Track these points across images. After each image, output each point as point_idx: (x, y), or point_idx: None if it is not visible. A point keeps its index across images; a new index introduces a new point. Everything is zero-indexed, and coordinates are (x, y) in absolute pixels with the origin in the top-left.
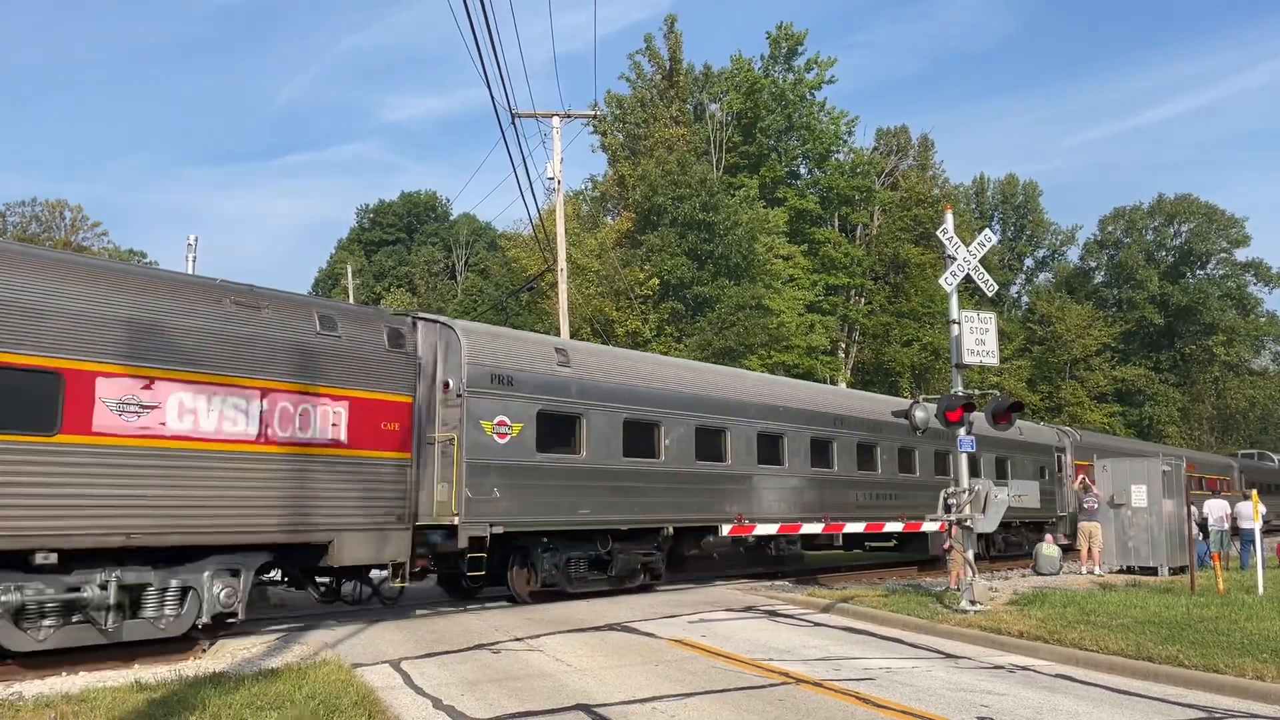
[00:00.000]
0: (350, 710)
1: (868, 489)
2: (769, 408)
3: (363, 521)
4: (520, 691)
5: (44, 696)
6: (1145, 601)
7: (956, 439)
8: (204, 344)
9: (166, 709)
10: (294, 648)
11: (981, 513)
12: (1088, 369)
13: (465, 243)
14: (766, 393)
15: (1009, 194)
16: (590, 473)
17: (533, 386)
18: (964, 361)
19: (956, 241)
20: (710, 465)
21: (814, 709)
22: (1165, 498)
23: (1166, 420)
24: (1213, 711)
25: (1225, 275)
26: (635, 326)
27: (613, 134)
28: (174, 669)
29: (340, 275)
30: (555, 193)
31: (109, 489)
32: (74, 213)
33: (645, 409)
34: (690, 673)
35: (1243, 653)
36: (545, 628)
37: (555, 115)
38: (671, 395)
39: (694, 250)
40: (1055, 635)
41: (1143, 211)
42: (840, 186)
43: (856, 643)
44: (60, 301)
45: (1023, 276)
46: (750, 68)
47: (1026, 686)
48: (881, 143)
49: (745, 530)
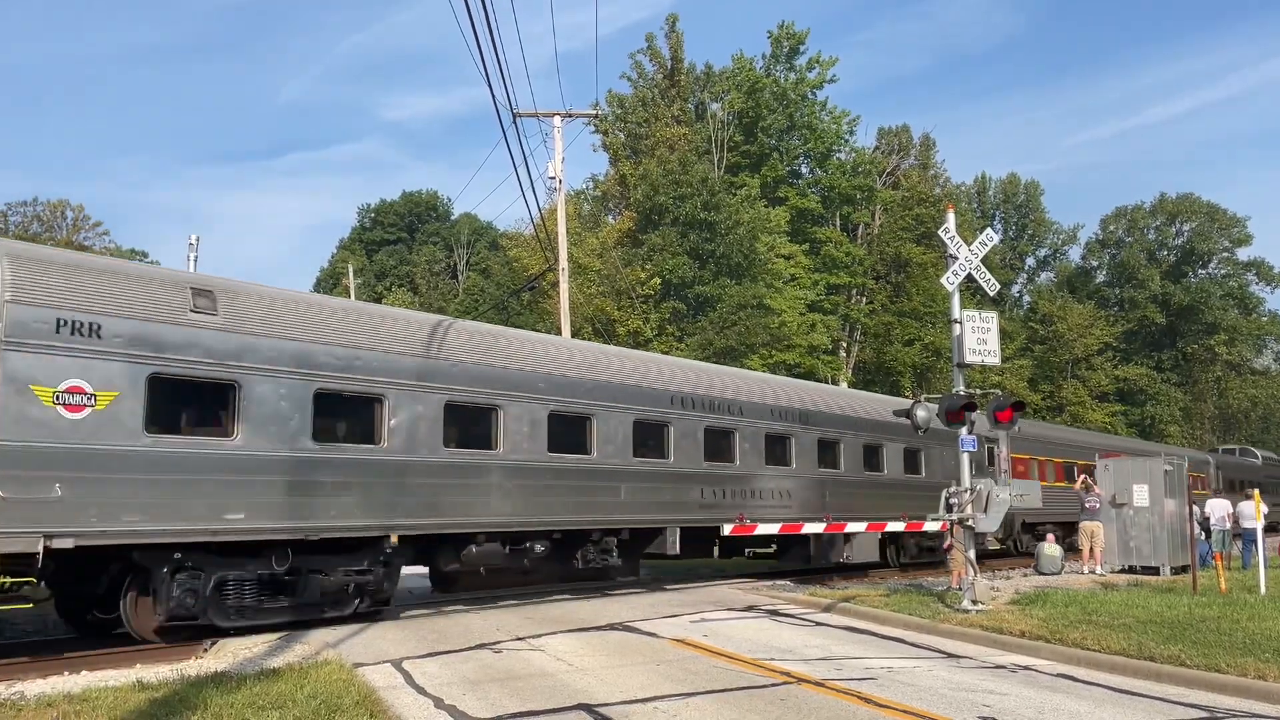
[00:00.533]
0: (352, 710)
1: (714, 484)
2: (561, 380)
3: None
4: (522, 691)
5: (46, 696)
6: (1147, 601)
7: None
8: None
9: (168, 708)
10: (295, 647)
11: (984, 512)
12: (1089, 368)
13: (466, 242)
14: (562, 360)
15: (1010, 193)
16: (249, 463)
17: (142, 341)
18: (966, 361)
19: (958, 241)
20: (471, 454)
21: (816, 708)
22: (1167, 497)
23: (1168, 420)
24: (1215, 711)
25: (1227, 275)
26: (636, 326)
27: (614, 133)
28: (176, 668)
29: (342, 275)
30: (556, 192)
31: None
32: (75, 212)
33: (350, 378)
34: (692, 672)
35: (1245, 652)
36: (547, 627)
37: (556, 114)
38: (399, 362)
39: (695, 250)
40: (1057, 635)
41: (1144, 211)
42: (841, 186)
43: (858, 642)
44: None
45: (1024, 276)
46: (752, 67)
47: (1028, 686)
48: (883, 142)
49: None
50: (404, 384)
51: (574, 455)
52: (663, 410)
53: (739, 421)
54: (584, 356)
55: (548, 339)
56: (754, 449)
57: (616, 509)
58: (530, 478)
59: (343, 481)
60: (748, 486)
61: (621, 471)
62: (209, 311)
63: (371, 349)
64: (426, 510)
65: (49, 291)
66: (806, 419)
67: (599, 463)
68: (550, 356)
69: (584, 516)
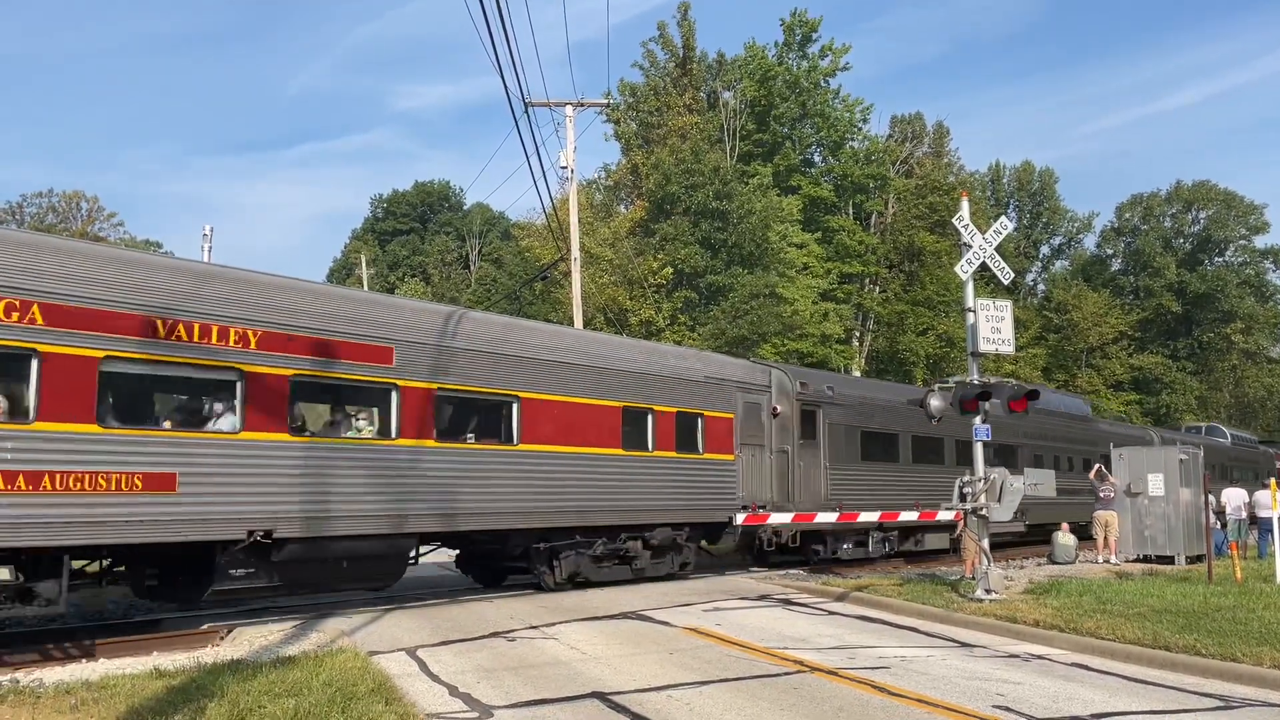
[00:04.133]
0: (367, 697)
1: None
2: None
3: None
4: (536, 679)
5: (64, 684)
6: (1162, 590)
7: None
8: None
9: (185, 696)
10: (311, 635)
11: (998, 501)
12: (1104, 357)
13: (479, 232)
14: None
15: (1025, 181)
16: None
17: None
18: (980, 350)
19: (972, 229)
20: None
21: (829, 697)
22: (1182, 486)
23: (1184, 408)
24: (1230, 700)
25: (1244, 262)
26: (649, 316)
27: (626, 122)
28: (193, 656)
29: (354, 265)
30: (569, 182)
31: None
32: (90, 203)
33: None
34: (705, 661)
35: (1261, 641)
36: (561, 616)
37: (568, 104)
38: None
39: (707, 239)
40: (1071, 624)
41: (1160, 198)
42: (855, 174)
43: (871, 631)
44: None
45: (1039, 264)
46: (764, 55)
47: (1043, 675)
48: (896, 130)
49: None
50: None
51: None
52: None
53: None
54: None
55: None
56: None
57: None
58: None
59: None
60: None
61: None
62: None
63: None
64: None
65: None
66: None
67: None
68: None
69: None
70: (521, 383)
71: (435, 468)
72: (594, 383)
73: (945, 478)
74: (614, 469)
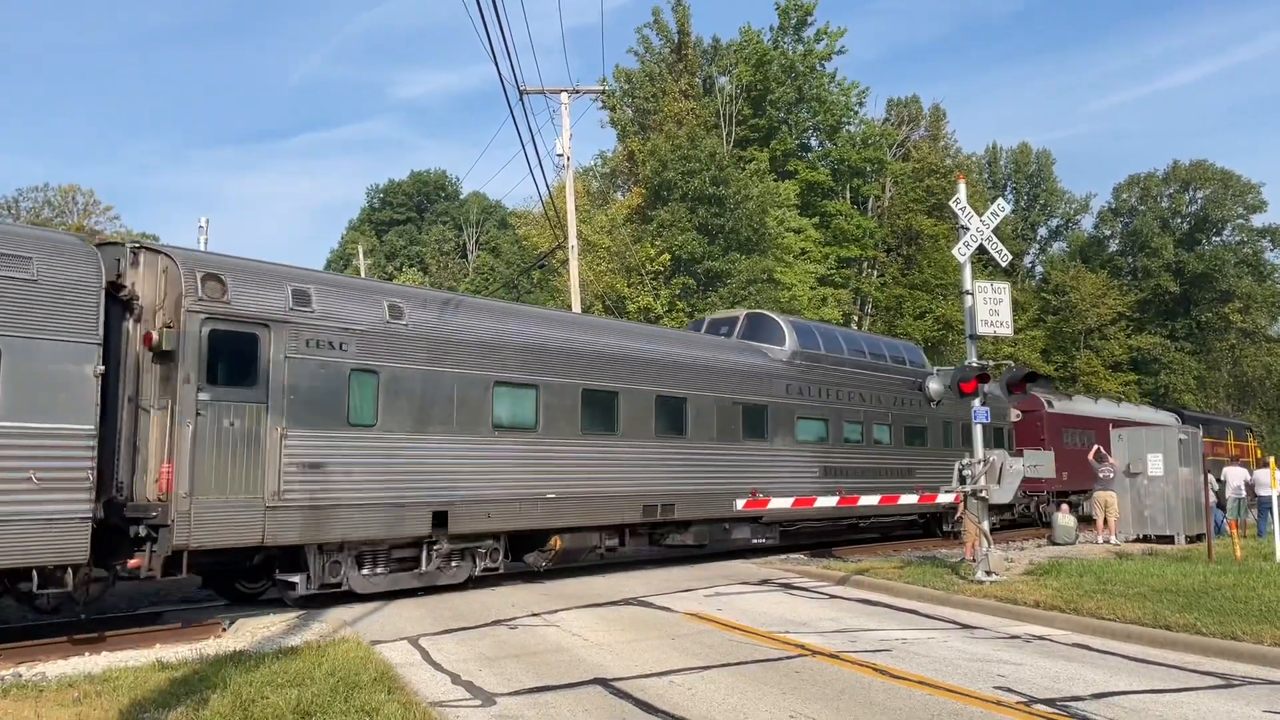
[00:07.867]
0: (370, 686)
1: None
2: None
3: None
4: (538, 666)
5: (67, 676)
6: (1162, 570)
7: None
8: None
9: (188, 687)
10: (313, 626)
11: (997, 483)
12: (1102, 338)
13: (476, 221)
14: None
15: (1022, 163)
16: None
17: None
18: (978, 332)
19: (969, 212)
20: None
21: (831, 680)
22: (1182, 466)
23: (1183, 389)
24: (1231, 679)
25: (1241, 242)
26: (647, 302)
27: (622, 109)
28: (195, 648)
29: (352, 255)
30: (565, 169)
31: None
32: (86, 197)
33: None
34: (707, 646)
35: (1261, 620)
36: (562, 603)
37: (564, 91)
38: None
39: (705, 225)
40: (1072, 605)
41: (1158, 178)
42: (851, 158)
43: (872, 614)
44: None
45: (1037, 246)
46: (759, 39)
47: (1044, 656)
48: (893, 113)
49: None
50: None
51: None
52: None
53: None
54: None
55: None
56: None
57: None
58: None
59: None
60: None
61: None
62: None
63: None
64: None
65: None
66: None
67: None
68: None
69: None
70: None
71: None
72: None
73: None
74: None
